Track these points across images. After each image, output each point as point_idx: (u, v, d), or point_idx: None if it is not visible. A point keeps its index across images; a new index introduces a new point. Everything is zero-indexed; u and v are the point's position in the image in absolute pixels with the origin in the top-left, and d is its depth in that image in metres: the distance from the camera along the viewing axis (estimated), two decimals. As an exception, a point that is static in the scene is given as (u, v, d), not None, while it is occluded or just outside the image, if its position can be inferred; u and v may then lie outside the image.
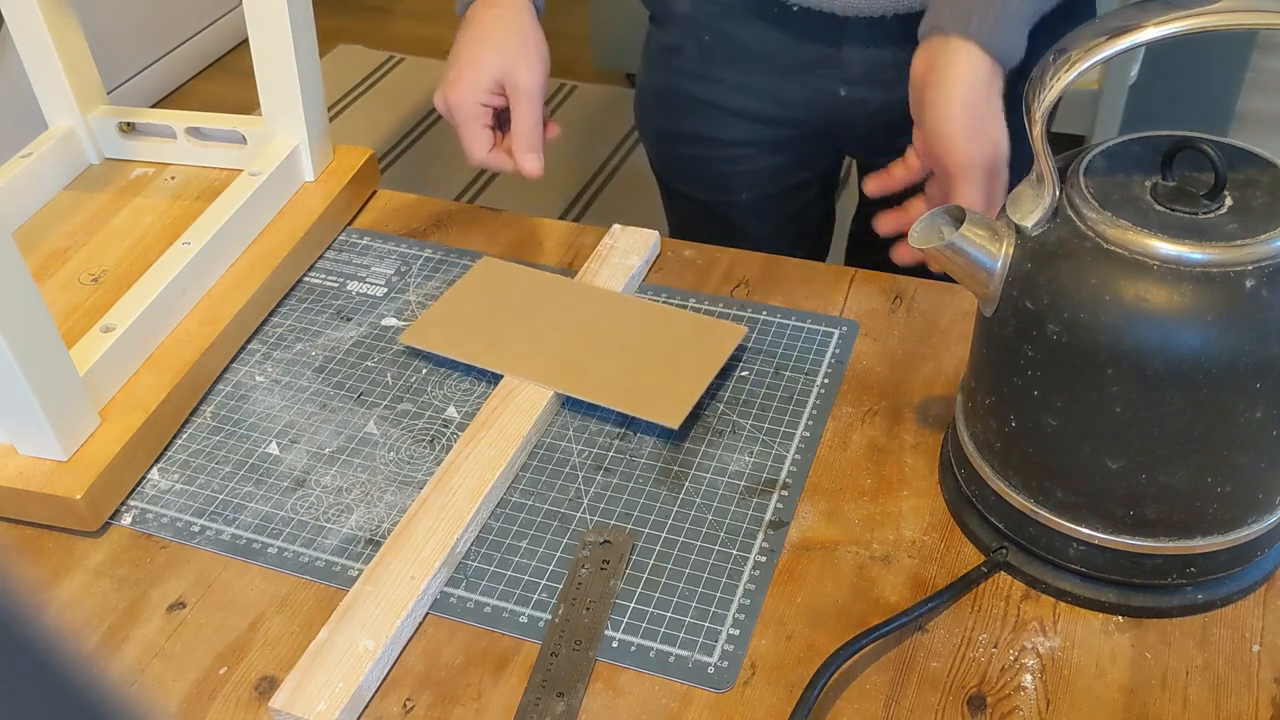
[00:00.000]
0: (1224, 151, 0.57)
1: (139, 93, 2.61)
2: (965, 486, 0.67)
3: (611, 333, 0.80)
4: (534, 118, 0.83)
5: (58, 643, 0.18)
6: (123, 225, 0.92)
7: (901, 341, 0.80)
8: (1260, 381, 0.55)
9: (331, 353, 0.82)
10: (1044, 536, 0.63)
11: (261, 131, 0.93)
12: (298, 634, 0.64)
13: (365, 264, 0.90)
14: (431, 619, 0.65)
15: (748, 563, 0.66)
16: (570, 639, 0.62)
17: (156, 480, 0.73)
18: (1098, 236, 0.56)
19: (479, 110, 0.84)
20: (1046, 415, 0.60)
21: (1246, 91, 2.12)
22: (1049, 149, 0.58)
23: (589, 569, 0.66)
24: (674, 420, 0.73)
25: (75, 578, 0.68)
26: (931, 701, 0.59)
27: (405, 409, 0.77)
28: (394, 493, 0.72)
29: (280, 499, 0.72)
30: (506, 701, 0.60)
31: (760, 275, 0.87)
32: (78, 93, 0.94)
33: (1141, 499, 0.60)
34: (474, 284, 0.85)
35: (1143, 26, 0.54)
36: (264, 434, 0.76)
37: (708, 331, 0.79)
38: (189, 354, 0.78)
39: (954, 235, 0.59)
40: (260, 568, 0.68)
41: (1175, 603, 0.62)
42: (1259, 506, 0.61)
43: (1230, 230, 0.55)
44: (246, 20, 0.86)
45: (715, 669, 0.61)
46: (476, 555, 0.68)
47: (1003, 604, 0.64)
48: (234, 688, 0.62)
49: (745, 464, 0.72)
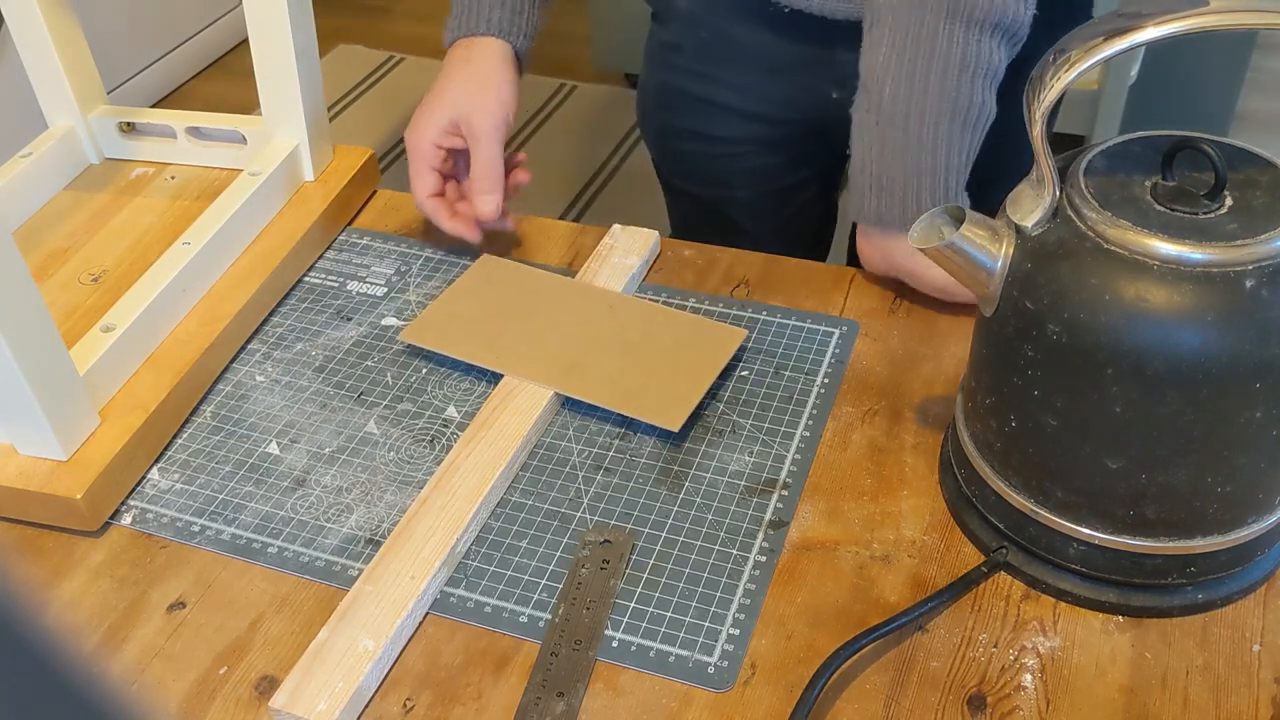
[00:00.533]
0: (1224, 151, 0.57)
1: (139, 93, 2.61)
2: (965, 486, 0.67)
3: (611, 333, 0.80)
4: (489, 160, 0.85)
5: (58, 643, 0.18)
6: (123, 225, 0.92)
7: (901, 341, 0.80)
8: (1260, 381, 0.55)
9: (331, 352, 0.82)
10: (1044, 536, 0.63)
11: (261, 131, 0.93)
12: (298, 634, 0.64)
13: (365, 264, 0.90)
14: (431, 619, 0.65)
15: (748, 563, 0.66)
16: (570, 639, 0.62)
17: (156, 480, 0.73)
18: (1098, 236, 0.56)
19: (431, 151, 0.85)
20: (1046, 415, 0.60)
21: (1246, 91, 2.12)
22: (1049, 149, 0.58)
23: (589, 569, 0.66)
24: (674, 423, 0.73)
25: (75, 578, 0.68)
26: (931, 701, 0.59)
27: (405, 409, 0.77)
28: (394, 492, 0.72)
29: (280, 499, 0.72)
30: (506, 701, 0.60)
31: (760, 275, 0.87)
32: (78, 93, 0.94)
33: (1141, 499, 0.59)
34: (474, 282, 0.85)
35: (1143, 26, 0.54)
36: (264, 434, 0.76)
37: (708, 334, 0.79)
38: (189, 354, 0.78)
39: (954, 235, 0.59)
40: (260, 568, 0.68)
41: (1175, 603, 0.62)
42: (1259, 506, 0.61)
43: (1230, 230, 0.55)
44: (246, 20, 0.86)
45: (715, 669, 0.61)
46: (476, 555, 0.68)
47: (1003, 604, 0.64)
48: (234, 688, 0.62)
49: (745, 464, 0.72)
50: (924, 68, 0.74)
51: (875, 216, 0.79)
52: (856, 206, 0.81)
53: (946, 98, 0.74)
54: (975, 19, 0.72)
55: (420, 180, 0.86)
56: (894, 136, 0.76)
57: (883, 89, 0.75)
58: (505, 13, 0.87)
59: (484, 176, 0.85)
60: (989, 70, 0.74)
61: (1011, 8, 0.72)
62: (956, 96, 0.74)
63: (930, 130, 0.75)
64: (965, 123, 0.75)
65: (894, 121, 0.76)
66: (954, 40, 0.73)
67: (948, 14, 0.72)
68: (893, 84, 0.75)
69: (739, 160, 1.02)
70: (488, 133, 0.84)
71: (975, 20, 0.72)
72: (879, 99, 0.76)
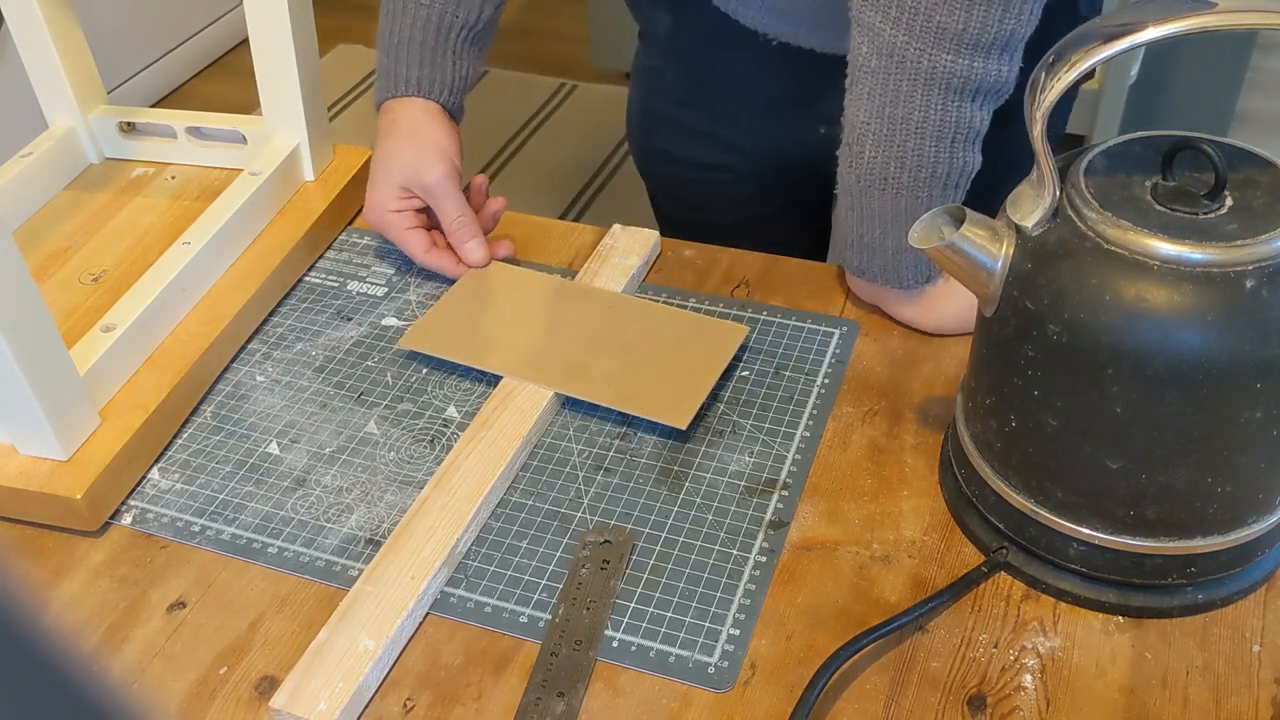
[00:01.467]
0: (1224, 151, 0.57)
1: (139, 93, 2.61)
2: (965, 486, 0.67)
3: (612, 333, 0.80)
4: (454, 211, 0.84)
5: (58, 643, 0.18)
6: (123, 225, 0.92)
7: (901, 341, 0.80)
8: (1260, 381, 0.55)
9: (332, 352, 0.82)
10: (1044, 536, 0.63)
11: (261, 131, 0.93)
12: (298, 634, 0.64)
13: (365, 264, 0.90)
14: (431, 619, 0.65)
15: (748, 563, 0.66)
16: (570, 639, 0.62)
17: (156, 480, 0.73)
18: (1098, 236, 0.56)
19: (395, 219, 0.85)
20: (1046, 415, 0.60)
21: (1246, 91, 2.12)
22: (1049, 149, 0.58)
23: (589, 569, 0.66)
24: (681, 420, 0.73)
25: (75, 578, 0.68)
26: (931, 701, 0.59)
27: (405, 409, 0.77)
28: (394, 492, 0.72)
29: (280, 499, 0.72)
30: (506, 701, 0.60)
31: (760, 275, 0.87)
32: (78, 92, 0.94)
33: (1142, 499, 0.59)
34: (471, 287, 0.85)
35: (1143, 26, 0.54)
36: (264, 434, 0.76)
37: (710, 331, 0.79)
38: (189, 354, 0.78)
39: (954, 235, 0.59)
40: (260, 567, 0.68)
41: (1175, 603, 0.62)
42: (1259, 506, 0.61)
43: (1230, 230, 0.55)
44: (246, 20, 0.86)
45: (715, 669, 0.61)
46: (477, 555, 0.68)
47: (1003, 604, 0.64)
48: (234, 688, 0.62)
49: (745, 464, 0.72)
50: (903, 134, 0.72)
51: (859, 270, 0.79)
52: (842, 255, 0.80)
53: (925, 164, 0.73)
54: (954, 86, 0.69)
55: (409, 245, 0.85)
56: (875, 197, 0.75)
57: (863, 149, 0.74)
58: (425, 71, 0.85)
59: (457, 229, 0.85)
60: (970, 134, 0.72)
61: (992, 73, 0.69)
62: (935, 162, 0.73)
63: (908, 195, 0.74)
64: (947, 184, 0.74)
65: (874, 183, 0.74)
66: (931, 108, 0.70)
67: (924, 81, 0.70)
68: (872, 146, 0.73)
69: (726, 187, 1.01)
70: (440, 185, 0.83)
71: (954, 88, 0.70)
72: (860, 158, 0.74)
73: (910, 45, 0.69)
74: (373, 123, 0.89)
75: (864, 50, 0.72)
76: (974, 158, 0.74)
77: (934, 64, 0.69)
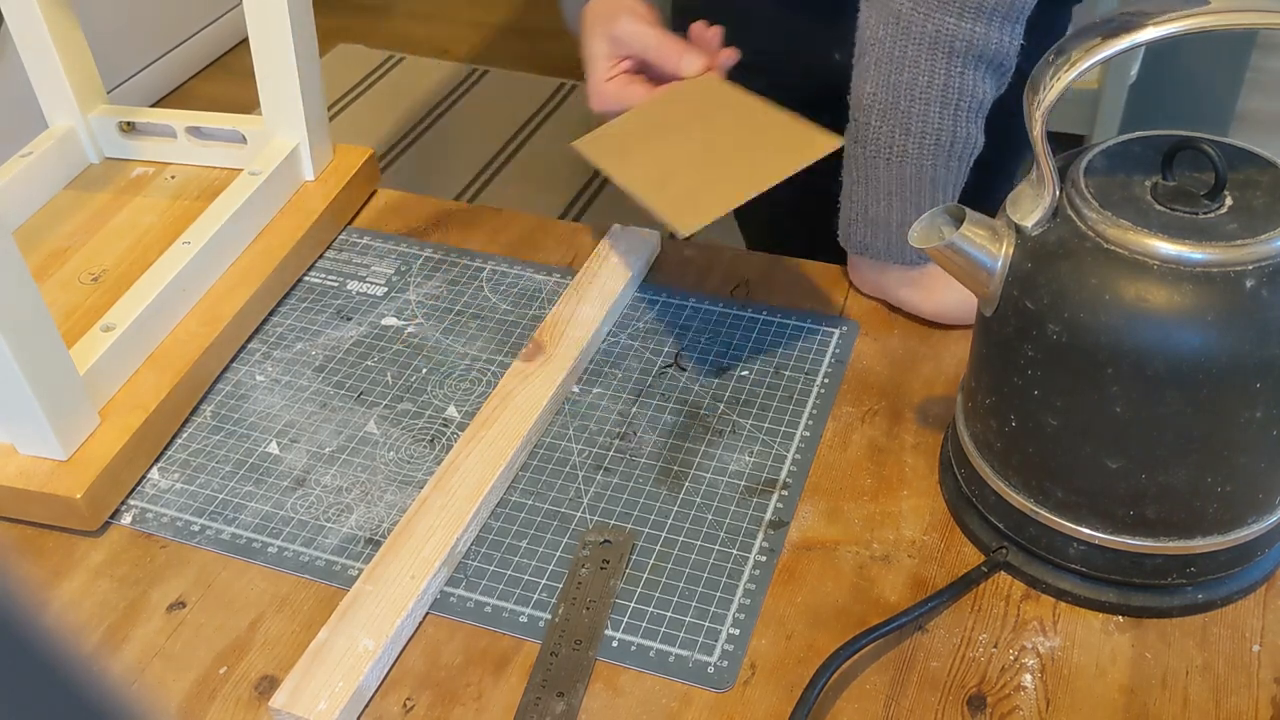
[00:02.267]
0: (1224, 151, 0.57)
1: (139, 92, 2.61)
2: (965, 486, 0.67)
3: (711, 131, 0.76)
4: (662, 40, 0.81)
5: (58, 643, 0.18)
6: (123, 225, 0.92)
7: (901, 341, 0.80)
8: (1260, 381, 0.55)
9: (331, 352, 0.82)
10: (1044, 536, 0.63)
11: (261, 131, 0.93)
12: (298, 634, 0.64)
13: (365, 263, 0.90)
14: (431, 619, 0.65)
15: (748, 563, 0.66)
16: (570, 639, 0.62)
17: (156, 480, 0.73)
18: (1098, 236, 0.56)
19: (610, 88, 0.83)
20: (1046, 415, 0.60)
21: (1246, 91, 2.12)
22: (1049, 149, 0.58)
23: (589, 569, 0.66)
24: (685, 226, 0.69)
25: (75, 577, 0.68)
26: (931, 701, 0.59)
27: (405, 408, 0.77)
28: (394, 492, 0.72)
29: (280, 498, 0.72)
30: (506, 701, 0.60)
31: (760, 275, 0.87)
32: (78, 92, 0.94)
33: (1141, 499, 0.60)
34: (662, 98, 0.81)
35: (1143, 26, 0.54)
36: (264, 433, 0.76)
37: (795, 135, 0.75)
38: (189, 353, 0.78)
39: (954, 235, 0.59)
40: (260, 567, 0.68)
41: (1175, 603, 0.62)
42: (1259, 506, 0.61)
43: (1230, 230, 0.55)
44: (246, 20, 0.86)
45: (715, 669, 0.61)
46: (476, 555, 0.68)
47: (1003, 604, 0.64)
48: (234, 687, 0.62)
49: (745, 464, 0.72)
50: (907, 100, 0.73)
51: (862, 247, 0.80)
52: (844, 235, 0.80)
53: (930, 131, 0.74)
54: (957, 51, 0.71)
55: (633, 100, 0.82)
56: (880, 168, 0.76)
57: (869, 120, 0.75)
58: None
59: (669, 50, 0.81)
60: (973, 103, 0.74)
61: (994, 39, 0.71)
62: (939, 129, 0.74)
63: (913, 164, 0.75)
64: (951, 156, 0.75)
65: (880, 154, 0.76)
66: (936, 72, 0.72)
67: (929, 46, 0.72)
68: (878, 117, 0.75)
69: None
70: (645, 29, 0.81)
71: (957, 53, 0.71)
72: (866, 131, 0.76)
73: (916, 11, 0.71)
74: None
75: (871, 22, 0.74)
76: (977, 131, 0.75)
77: (938, 27, 0.71)
